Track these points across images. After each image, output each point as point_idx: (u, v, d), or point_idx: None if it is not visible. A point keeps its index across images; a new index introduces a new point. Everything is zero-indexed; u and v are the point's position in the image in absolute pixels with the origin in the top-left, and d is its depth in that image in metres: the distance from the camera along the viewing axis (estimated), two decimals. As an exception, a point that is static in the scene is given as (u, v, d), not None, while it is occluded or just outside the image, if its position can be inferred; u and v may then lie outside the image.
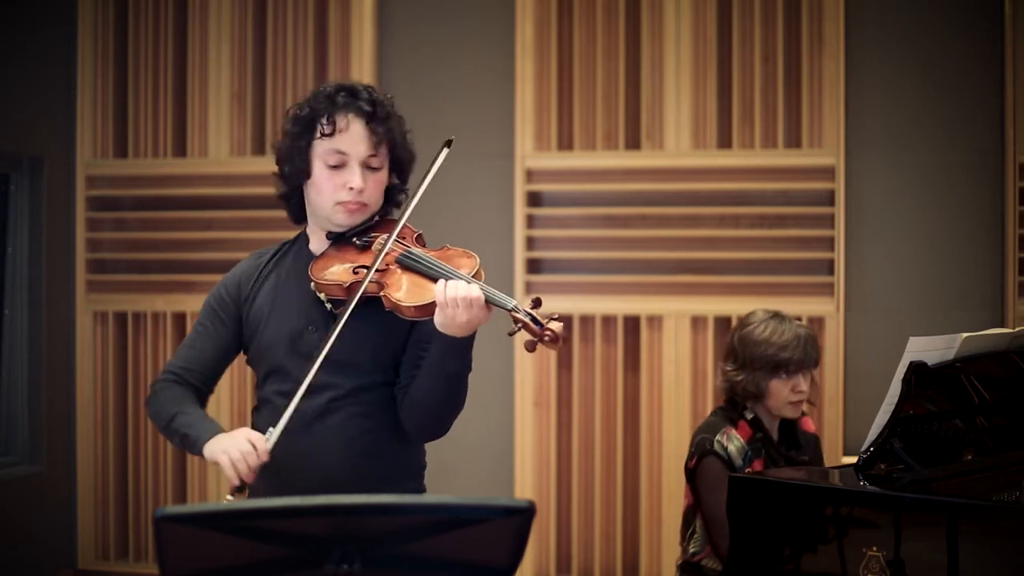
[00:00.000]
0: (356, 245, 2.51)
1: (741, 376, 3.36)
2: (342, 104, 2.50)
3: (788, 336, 3.35)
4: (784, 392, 3.34)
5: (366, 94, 2.52)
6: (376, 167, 2.52)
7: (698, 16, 4.82)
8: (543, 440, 4.92)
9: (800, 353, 3.34)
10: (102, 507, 5.24)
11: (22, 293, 5.13)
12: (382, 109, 2.52)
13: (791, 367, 3.33)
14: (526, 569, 4.84)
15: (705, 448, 3.31)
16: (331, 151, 2.50)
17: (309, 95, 2.57)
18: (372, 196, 2.52)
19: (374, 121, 2.50)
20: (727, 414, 3.40)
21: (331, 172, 2.50)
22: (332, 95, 2.51)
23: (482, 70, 5.04)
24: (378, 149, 2.51)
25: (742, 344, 3.38)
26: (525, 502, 1.76)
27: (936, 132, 4.73)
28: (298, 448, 2.47)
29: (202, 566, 1.73)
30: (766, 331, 3.36)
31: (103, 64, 5.24)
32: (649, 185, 4.87)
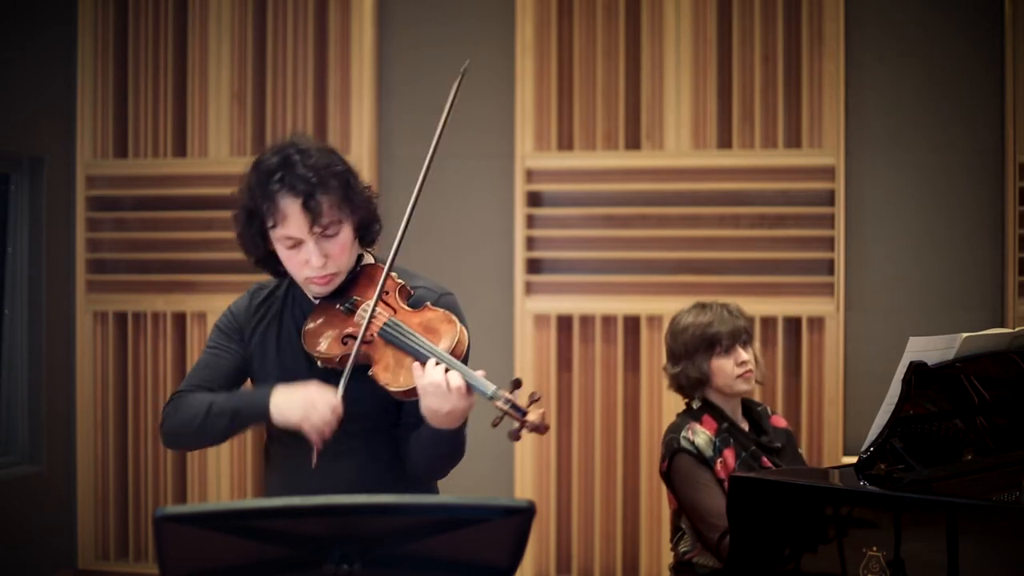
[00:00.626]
0: (340, 310, 2.50)
1: (680, 367, 3.39)
2: (276, 190, 2.42)
3: (711, 314, 3.39)
4: (728, 367, 3.36)
5: (301, 168, 2.41)
6: (332, 234, 2.45)
7: (698, 16, 4.82)
8: (543, 440, 4.91)
9: (728, 325, 3.37)
10: (102, 507, 5.24)
11: (22, 293, 5.13)
12: (324, 174, 2.42)
13: (723, 340, 3.35)
14: (526, 569, 4.84)
15: (673, 447, 3.33)
16: (282, 238, 2.46)
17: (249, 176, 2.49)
18: (339, 262, 2.48)
19: (313, 197, 2.39)
20: (690, 412, 3.43)
21: (291, 252, 2.47)
22: (266, 183, 2.42)
23: (482, 70, 5.04)
24: (331, 218, 2.43)
25: (672, 337, 3.43)
26: (525, 502, 1.76)
27: (936, 132, 4.73)
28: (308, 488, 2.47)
29: (202, 566, 1.73)
30: (689, 316, 3.42)
31: (103, 64, 5.24)
32: (649, 185, 4.87)
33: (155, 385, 5.19)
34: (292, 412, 2.38)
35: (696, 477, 3.27)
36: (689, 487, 3.28)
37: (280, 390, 2.42)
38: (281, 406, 2.41)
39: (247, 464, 5.13)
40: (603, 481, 4.89)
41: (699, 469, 3.28)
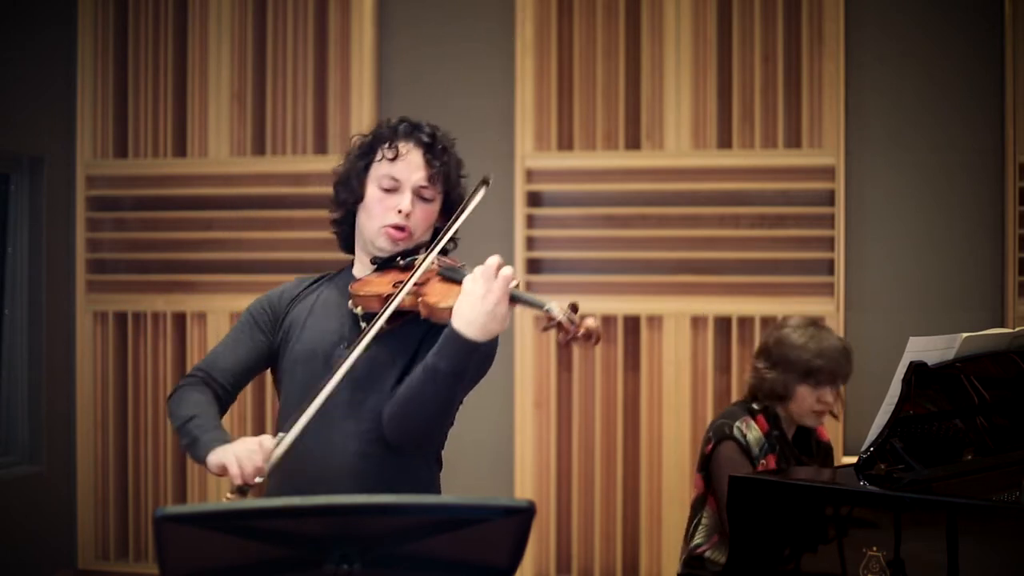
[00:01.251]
0: (399, 266, 2.54)
1: (771, 375, 3.36)
2: (403, 133, 2.58)
3: (826, 345, 3.34)
4: (810, 400, 3.34)
5: (428, 128, 2.61)
6: (428, 198, 2.57)
7: (698, 16, 4.82)
8: (543, 440, 4.92)
9: (835, 364, 3.34)
10: (102, 507, 5.24)
11: (22, 293, 5.13)
12: (441, 144, 2.60)
13: (822, 376, 3.32)
14: (526, 569, 4.84)
15: (724, 432, 3.32)
16: (386, 176, 2.55)
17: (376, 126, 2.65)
18: (418, 225, 2.56)
19: (431, 153, 2.57)
20: (747, 406, 3.42)
21: (383, 195, 2.55)
22: (396, 124, 2.60)
23: (482, 70, 5.04)
24: (432, 181, 2.57)
25: (778, 344, 3.38)
26: (525, 502, 1.76)
27: (936, 132, 4.73)
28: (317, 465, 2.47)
29: (202, 566, 1.73)
30: (805, 336, 3.36)
31: (103, 64, 5.24)
32: (649, 185, 4.87)
33: (155, 385, 5.19)
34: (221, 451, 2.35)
35: (739, 466, 3.26)
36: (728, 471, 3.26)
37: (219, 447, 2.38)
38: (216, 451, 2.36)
39: (247, 464, 5.12)
40: (603, 481, 4.89)
41: (743, 459, 3.27)
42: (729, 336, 4.80)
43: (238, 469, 2.31)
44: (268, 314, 2.63)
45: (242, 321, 2.65)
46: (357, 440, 2.47)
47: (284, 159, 5.07)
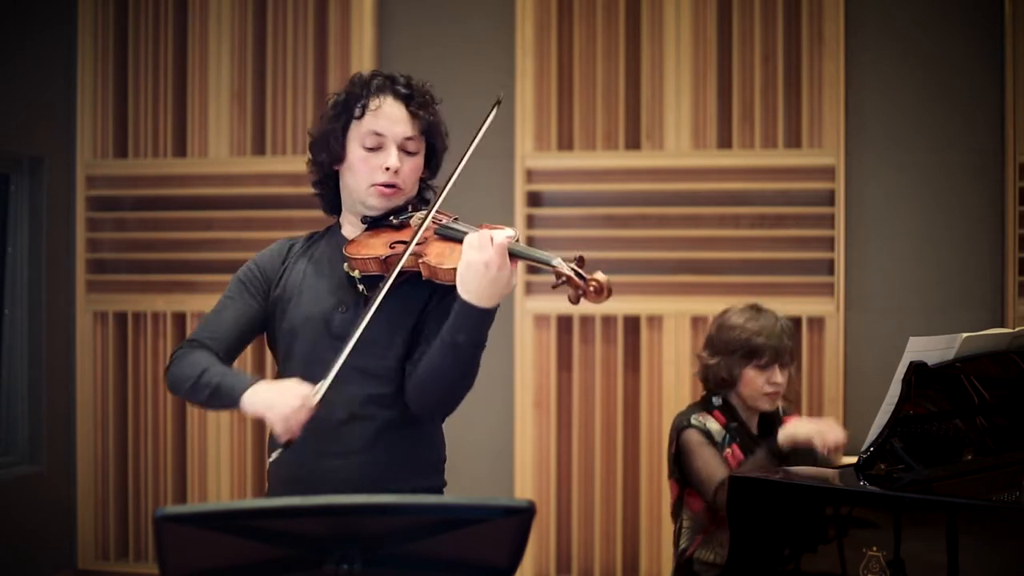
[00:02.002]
0: (393, 224, 2.50)
1: (714, 361, 3.37)
2: (379, 86, 2.55)
3: (764, 323, 3.36)
4: (758, 382, 3.34)
5: (404, 79, 2.58)
6: (413, 151, 2.54)
7: (698, 16, 4.82)
8: (543, 440, 4.92)
9: (775, 340, 3.33)
10: (102, 507, 5.24)
11: (22, 293, 5.13)
12: (420, 94, 2.56)
13: (765, 355, 3.32)
14: (526, 569, 4.84)
15: (682, 424, 3.34)
16: (368, 132, 2.51)
17: (349, 81, 2.59)
18: (407, 180, 2.53)
19: (412, 104, 2.54)
20: (702, 403, 3.43)
21: (368, 154, 2.51)
22: (369, 79, 2.56)
23: (482, 70, 5.04)
24: (416, 132, 2.53)
25: (718, 330, 3.41)
26: (525, 502, 1.76)
27: (936, 132, 4.73)
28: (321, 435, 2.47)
29: (202, 566, 1.73)
30: (742, 318, 3.38)
31: (103, 64, 5.24)
32: (649, 185, 4.87)
33: (155, 385, 5.19)
34: (260, 402, 2.36)
35: (702, 446, 3.27)
36: (695, 457, 3.28)
37: (261, 382, 2.40)
38: (253, 396, 2.38)
39: (247, 464, 5.13)
40: (603, 481, 4.89)
41: (707, 444, 3.28)
42: (729, 336, 4.79)
43: (285, 428, 2.32)
44: (259, 280, 2.60)
45: (232, 288, 2.61)
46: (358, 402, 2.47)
47: (284, 159, 5.07)
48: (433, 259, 2.37)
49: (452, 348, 2.34)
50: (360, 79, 2.58)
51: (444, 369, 2.37)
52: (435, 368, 2.38)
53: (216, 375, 2.45)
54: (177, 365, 2.53)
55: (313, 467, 2.49)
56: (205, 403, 2.49)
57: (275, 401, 2.34)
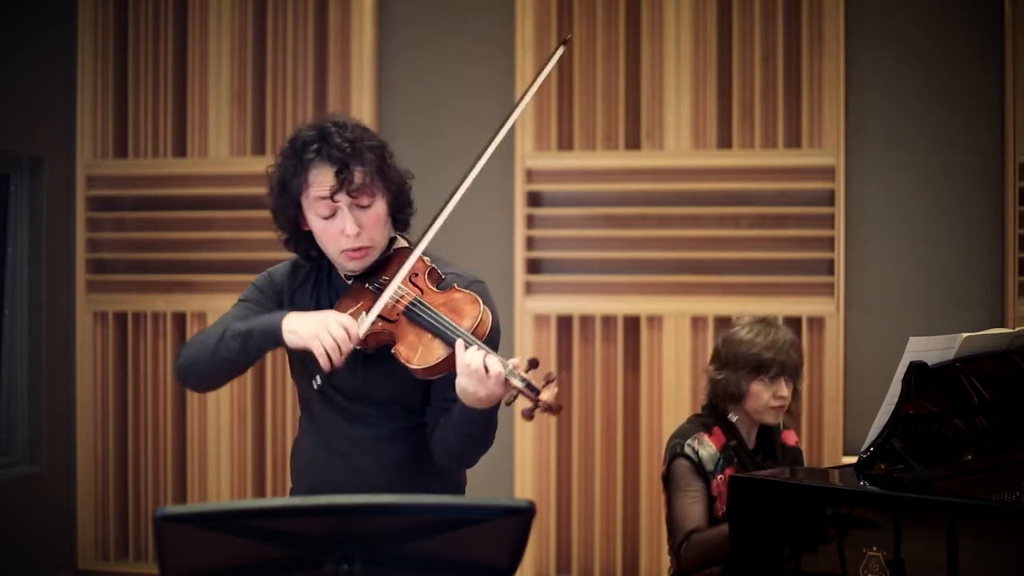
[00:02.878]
0: (371, 291, 2.52)
1: (722, 375, 3.36)
2: (311, 159, 2.46)
3: (774, 337, 3.35)
4: (764, 396, 3.33)
5: (337, 133, 2.46)
6: (366, 205, 2.48)
7: (698, 16, 4.82)
8: (543, 440, 4.92)
9: (783, 356, 3.33)
10: (102, 507, 5.24)
11: (22, 293, 5.13)
12: (358, 147, 2.46)
13: (773, 369, 3.32)
14: (526, 569, 4.84)
15: (675, 451, 3.32)
16: (316, 201, 2.47)
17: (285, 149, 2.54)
18: (374, 235, 2.50)
19: (348, 165, 2.44)
20: (701, 420, 3.41)
21: (326, 223, 2.48)
22: (301, 151, 2.47)
23: (482, 70, 5.04)
24: (365, 188, 2.47)
25: (726, 344, 3.39)
26: (525, 502, 1.76)
27: (936, 132, 4.73)
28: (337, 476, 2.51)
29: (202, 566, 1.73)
30: (751, 332, 3.36)
31: (103, 64, 5.24)
32: (649, 185, 4.87)
33: (155, 385, 5.19)
34: (304, 330, 2.38)
35: (686, 483, 3.28)
36: (677, 490, 3.30)
37: (295, 313, 2.43)
38: (294, 325, 2.41)
39: (247, 464, 5.13)
40: (603, 481, 4.89)
41: (693, 478, 3.27)
42: (729, 336, 4.79)
43: (327, 358, 2.35)
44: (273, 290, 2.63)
45: (248, 293, 2.64)
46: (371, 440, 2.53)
47: (284, 159, 5.06)
48: (403, 352, 2.40)
49: (470, 438, 2.46)
50: (291, 149, 2.51)
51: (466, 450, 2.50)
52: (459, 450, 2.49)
53: (242, 325, 2.47)
54: (190, 346, 2.55)
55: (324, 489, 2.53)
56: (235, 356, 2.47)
57: (319, 330, 2.36)
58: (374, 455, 2.53)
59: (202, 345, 2.51)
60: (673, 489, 3.31)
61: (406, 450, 2.54)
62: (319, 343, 2.35)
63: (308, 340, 2.37)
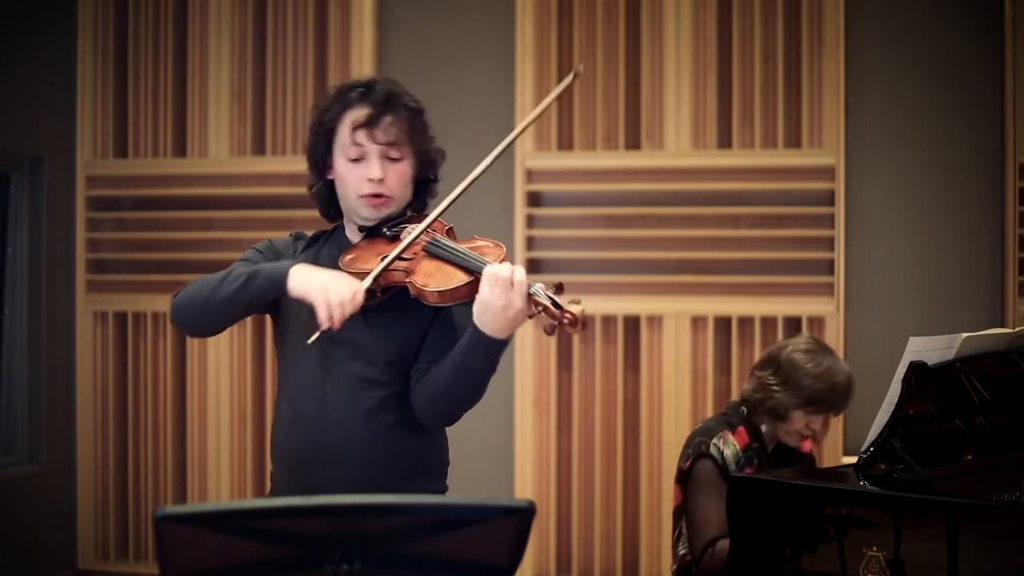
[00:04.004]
0: (386, 236, 2.52)
1: (779, 394, 3.30)
2: (356, 98, 2.52)
3: (838, 379, 3.31)
4: (799, 424, 3.32)
5: (383, 87, 2.53)
6: (396, 158, 2.52)
7: (698, 16, 4.82)
8: (543, 440, 4.92)
9: (839, 399, 3.32)
10: (102, 507, 5.24)
11: (22, 293, 5.13)
12: (398, 100, 2.52)
13: (822, 408, 3.31)
14: (526, 569, 4.84)
15: (701, 451, 3.29)
16: (349, 144, 2.51)
17: (331, 91, 2.60)
18: (394, 188, 2.52)
19: (388, 112, 2.50)
20: (727, 418, 3.39)
21: (352, 165, 2.51)
22: (347, 91, 2.54)
23: (482, 70, 5.04)
24: (397, 138, 2.51)
25: (791, 366, 3.31)
26: (525, 502, 1.76)
27: (936, 132, 4.73)
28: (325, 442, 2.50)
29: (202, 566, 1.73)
30: (820, 366, 3.30)
31: (103, 64, 5.24)
32: (649, 185, 4.87)
33: (155, 385, 5.19)
34: (312, 283, 2.38)
35: (711, 486, 3.23)
36: (701, 493, 3.26)
37: (304, 265, 2.44)
38: (304, 272, 2.41)
39: (247, 464, 5.13)
40: (603, 481, 4.89)
41: (717, 480, 3.23)
42: (729, 336, 4.80)
43: (328, 315, 2.34)
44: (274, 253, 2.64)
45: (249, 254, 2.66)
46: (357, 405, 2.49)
47: (284, 159, 5.07)
48: (419, 280, 2.38)
49: (465, 372, 2.38)
50: (339, 90, 2.57)
51: (456, 389, 2.41)
52: (447, 387, 2.41)
53: (248, 268, 2.49)
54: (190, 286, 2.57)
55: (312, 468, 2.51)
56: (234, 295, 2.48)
57: (328, 285, 2.37)
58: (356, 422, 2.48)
59: (203, 284, 2.55)
60: (695, 490, 3.28)
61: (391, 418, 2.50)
62: (324, 297, 2.35)
63: (314, 292, 2.36)
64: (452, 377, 2.40)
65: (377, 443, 2.49)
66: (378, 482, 2.46)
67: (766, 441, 3.39)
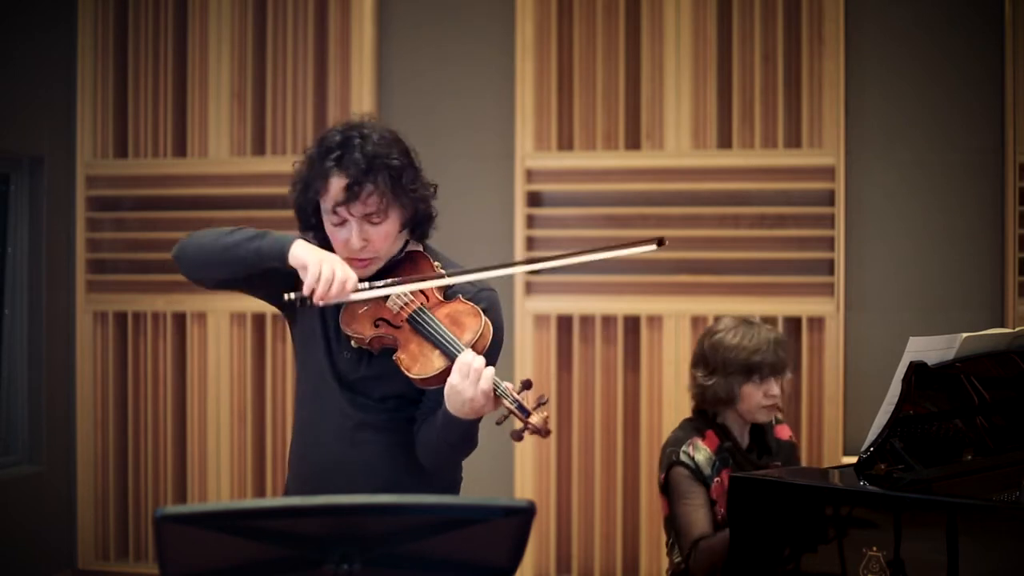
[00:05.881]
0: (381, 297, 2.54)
1: (712, 381, 3.36)
2: (330, 168, 2.47)
3: (760, 339, 3.35)
4: (757, 396, 3.34)
5: (358, 150, 2.45)
6: (377, 222, 2.48)
7: (698, 16, 4.82)
8: (543, 440, 4.90)
9: (772, 356, 3.34)
10: (102, 507, 5.24)
11: (22, 293, 5.13)
12: (378, 164, 2.45)
13: (764, 370, 3.33)
14: (526, 569, 4.84)
15: (672, 460, 3.34)
16: (329, 211, 2.50)
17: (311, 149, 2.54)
18: (377, 249, 2.51)
19: (367, 181, 2.44)
20: (694, 425, 3.43)
21: (335, 229, 2.51)
22: (323, 156, 2.48)
23: (482, 70, 5.04)
24: (376, 207, 2.47)
25: (713, 350, 3.38)
26: (525, 502, 1.76)
27: (936, 132, 4.73)
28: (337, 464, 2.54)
29: (202, 566, 1.73)
30: (737, 336, 3.37)
31: (103, 64, 5.24)
32: (649, 185, 4.87)
33: (155, 385, 5.19)
34: (313, 254, 2.40)
35: (687, 490, 3.30)
36: (679, 499, 3.32)
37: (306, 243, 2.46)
38: (306, 246, 2.44)
39: (247, 464, 5.13)
40: (603, 481, 4.89)
41: (693, 484, 3.30)
42: (729, 336, 4.79)
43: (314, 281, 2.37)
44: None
45: None
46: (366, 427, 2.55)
47: (284, 159, 5.07)
48: (404, 360, 2.45)
49: (447, 444, 2.47)
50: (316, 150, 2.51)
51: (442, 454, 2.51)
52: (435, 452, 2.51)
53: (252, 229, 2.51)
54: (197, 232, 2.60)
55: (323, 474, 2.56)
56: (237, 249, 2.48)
57: (327, 259, 2.40)
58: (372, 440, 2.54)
59: (213, 230, 2.58)
60: (674, 497, 3.33)
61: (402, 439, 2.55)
62: (319, 268, 2.37)
63: (313, 261, 2.38)
64: (435, 445, 2.49)
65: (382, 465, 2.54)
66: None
67: (737, 436, 3.40)
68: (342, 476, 2.53)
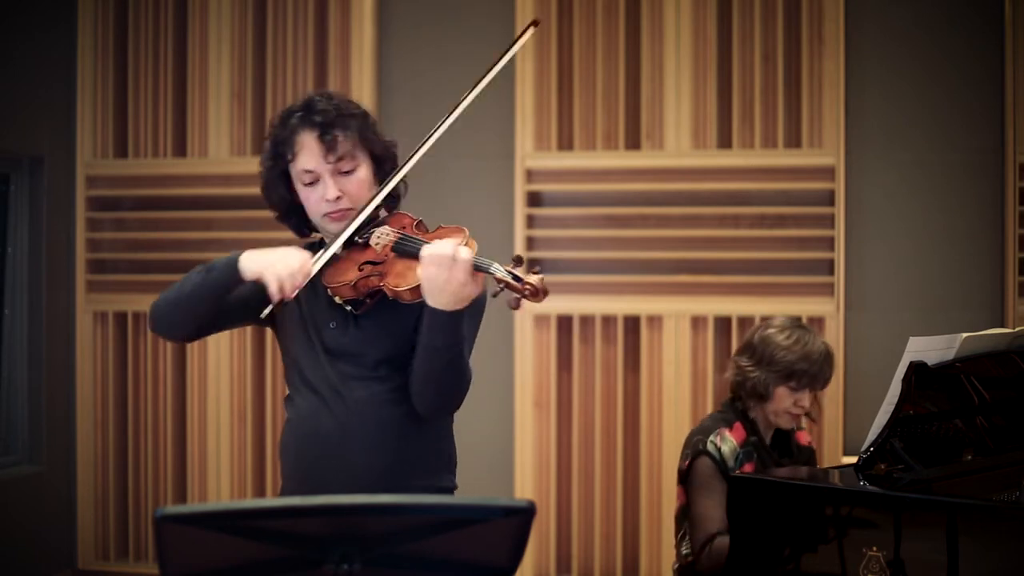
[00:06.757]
0: (359, 244, 2.57)
1: (755, 373, 3.35)
2: (295, 125, 2.56)
3: (811, 348, 3.33)
4: (786, 402, 3.34)
5: (319, 104, 2.57)
6: (348, 170, 2.56)
7: (698, 16, 4.82)
8: (543, 440, 4.92)
9: (816, 369, 3.33)
10: (102, 507, 5.24)
11: (22, 293, 5.13)
12: (333, 114, 2.55)
13: (803, 380, 3.32)
14: (526, 569, 4.84)
15: (698, 448, 3.32)
16: (301, 172, 2.57)
17: (274, 120, 2.64)
18: (356, 198, 2.57)
19: (329, 131, 2.53)
20: (724, 415, 3.41)
21: (309, 189, 2.57)
22: (286, 119, 2.58)
23: (482, 70, 5.01)
24: (346, 152, 2.55)
25: (763, 343, 3.37)
26: (525, 502, 1.76)
27: (936, 132, 4.73)
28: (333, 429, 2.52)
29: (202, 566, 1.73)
30: (791, 338, 3.35)
31: (103, 64, 5.24)
32: (649, 185, 4.87)
33: (155, 385, 5.19)
34: (261, 261, 2.47)
35: (709, 485, 3.27)
36: (700, 490, 3.29)
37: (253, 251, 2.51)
38: (253, 256, 2.50)
39: (247, 464, 5.13)
40: (603, 481, 4.89)
41: (716, 479, 3.26)
42: (729, 336, 4.79)
43: (278, 287, 2.43)
44: None
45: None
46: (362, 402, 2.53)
47: (284, 159, 5.06)
48: (392, 281, 2.44)
49: (433, 352, 2.43)
50: (279, 119, 2.61)
51: (432, 372, 2.46)
52: (424, 373, 2.47)
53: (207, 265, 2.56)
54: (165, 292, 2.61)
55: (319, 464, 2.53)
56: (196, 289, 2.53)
57: (275, 260, 2.46)
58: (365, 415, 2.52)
59: (170, 290, 2.60)
60: (695, 488, 3.30)
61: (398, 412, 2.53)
62: (273, 271, 2.43)
63: (263, 268, 2.45)
64: (425, 361, 2.45)
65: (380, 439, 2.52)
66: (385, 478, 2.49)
67: (763, 433, 3.40)
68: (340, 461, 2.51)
